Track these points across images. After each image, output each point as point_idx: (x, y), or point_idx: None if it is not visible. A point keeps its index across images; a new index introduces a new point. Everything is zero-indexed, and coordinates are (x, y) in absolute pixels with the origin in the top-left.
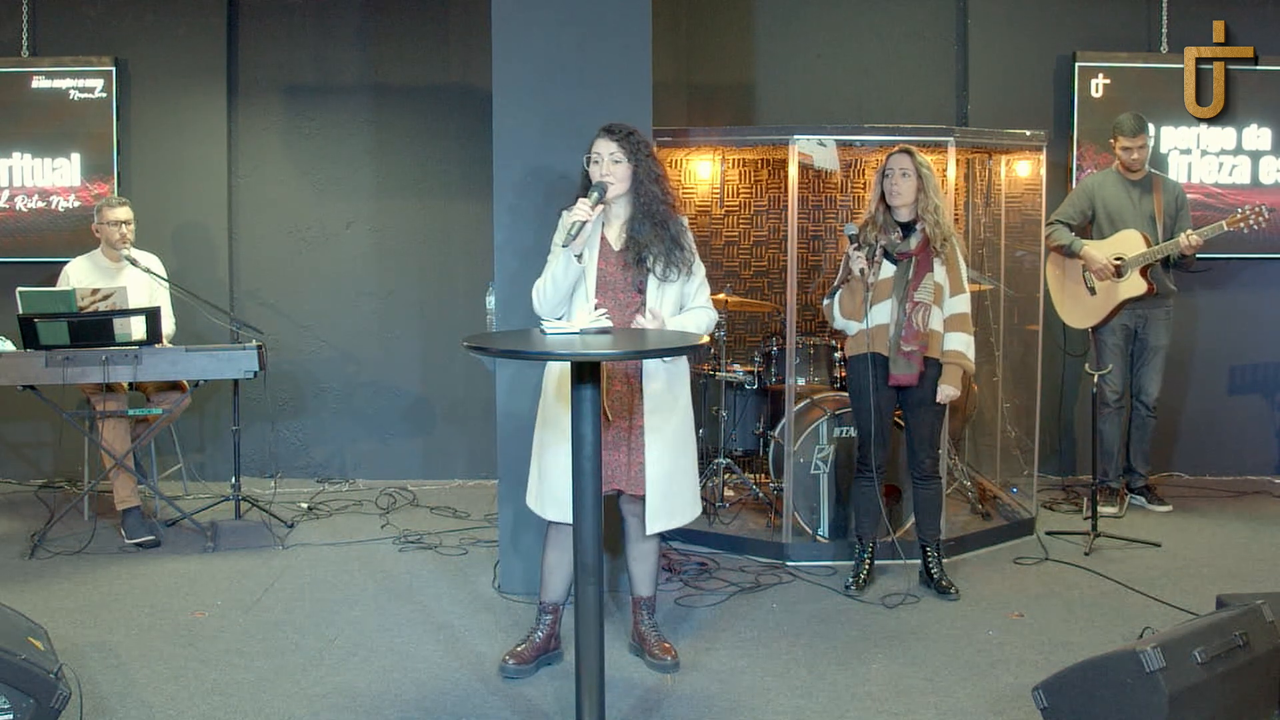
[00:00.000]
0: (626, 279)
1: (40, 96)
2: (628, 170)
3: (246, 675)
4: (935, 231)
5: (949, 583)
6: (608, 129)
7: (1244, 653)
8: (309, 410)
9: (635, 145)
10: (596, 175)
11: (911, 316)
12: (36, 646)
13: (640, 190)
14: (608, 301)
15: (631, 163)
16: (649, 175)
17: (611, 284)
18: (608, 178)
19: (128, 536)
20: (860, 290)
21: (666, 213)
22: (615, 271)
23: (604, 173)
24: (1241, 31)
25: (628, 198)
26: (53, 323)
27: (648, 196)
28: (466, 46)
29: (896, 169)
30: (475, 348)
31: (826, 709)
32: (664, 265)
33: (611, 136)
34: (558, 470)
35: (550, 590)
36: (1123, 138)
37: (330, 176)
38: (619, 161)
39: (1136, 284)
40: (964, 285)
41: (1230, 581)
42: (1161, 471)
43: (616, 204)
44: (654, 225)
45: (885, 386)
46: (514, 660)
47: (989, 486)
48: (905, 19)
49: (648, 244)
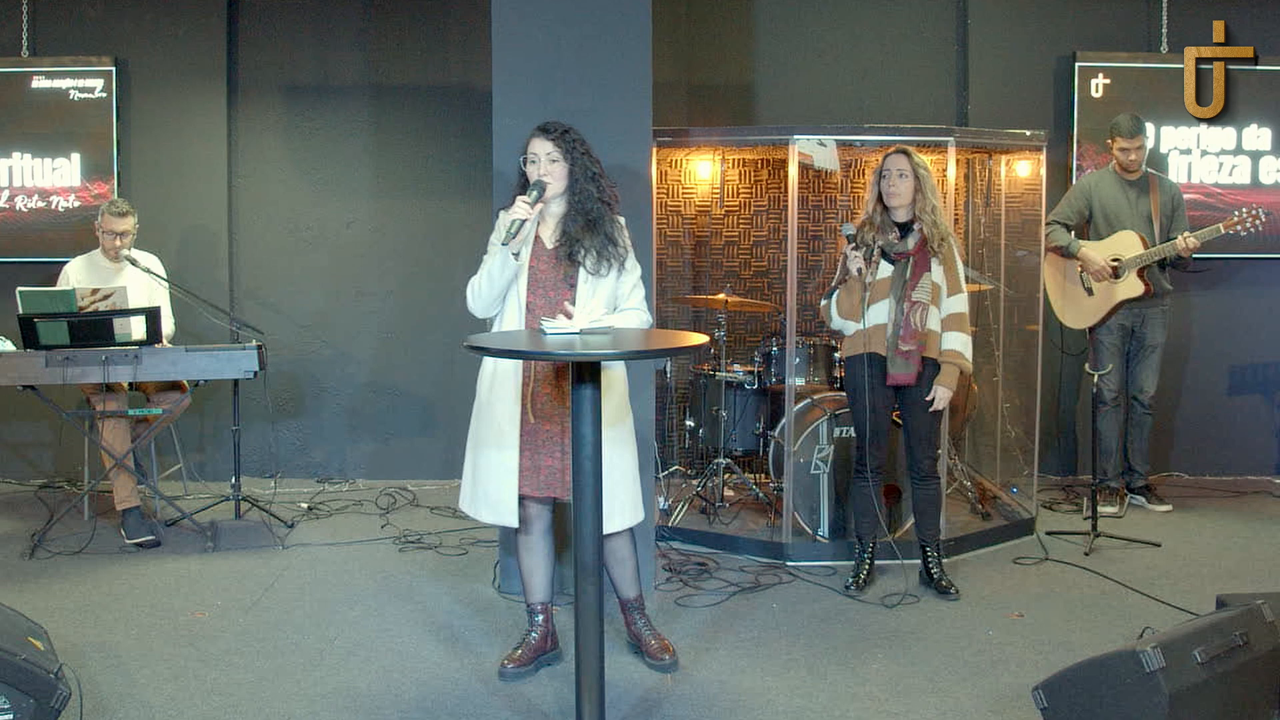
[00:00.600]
0: (558, 276)
1: (40, 96)
2: (564, 169)
3: (246, 675)
4: (933, 231)
5: (949, 582)
6: (543, 128)
7: (1244, 653)
8: (309, 410)
9: (571, 144)
10: (534, 175)
11: (909, 316)
12: (36, 646)
13: (576, 189)
14: (539, 299)
15: (568, 161)
16: (585, 174)
17: (543, 281)
18: (545, 177)
19: (128, 536)
20: (858, 290)
21: (602, 210)
22: (548, 269)
23: (541, 172)
24: (1241, 31)
25: (564, 196)
26: (53, 323)
27: (583, 195)
28: (466, 46)
29: (894, 170)
30: (475, 348)
31: (826, 709)
32: (595, 259)
33: (548, 135)
34: (491, 472)
35: (533, 591)
36: (1120, 139)
37: (330, 176)
38: (556, 160)
39: (1133, 285)
40: (961, 285)
41: (1230, 581)
42: (1161, 471)
43: (553, 202)
44: (588, 223)
45: (883, 386)
46: (512, 664)
47: (989, 486)
48: (905, 19)
49: (579, 239)
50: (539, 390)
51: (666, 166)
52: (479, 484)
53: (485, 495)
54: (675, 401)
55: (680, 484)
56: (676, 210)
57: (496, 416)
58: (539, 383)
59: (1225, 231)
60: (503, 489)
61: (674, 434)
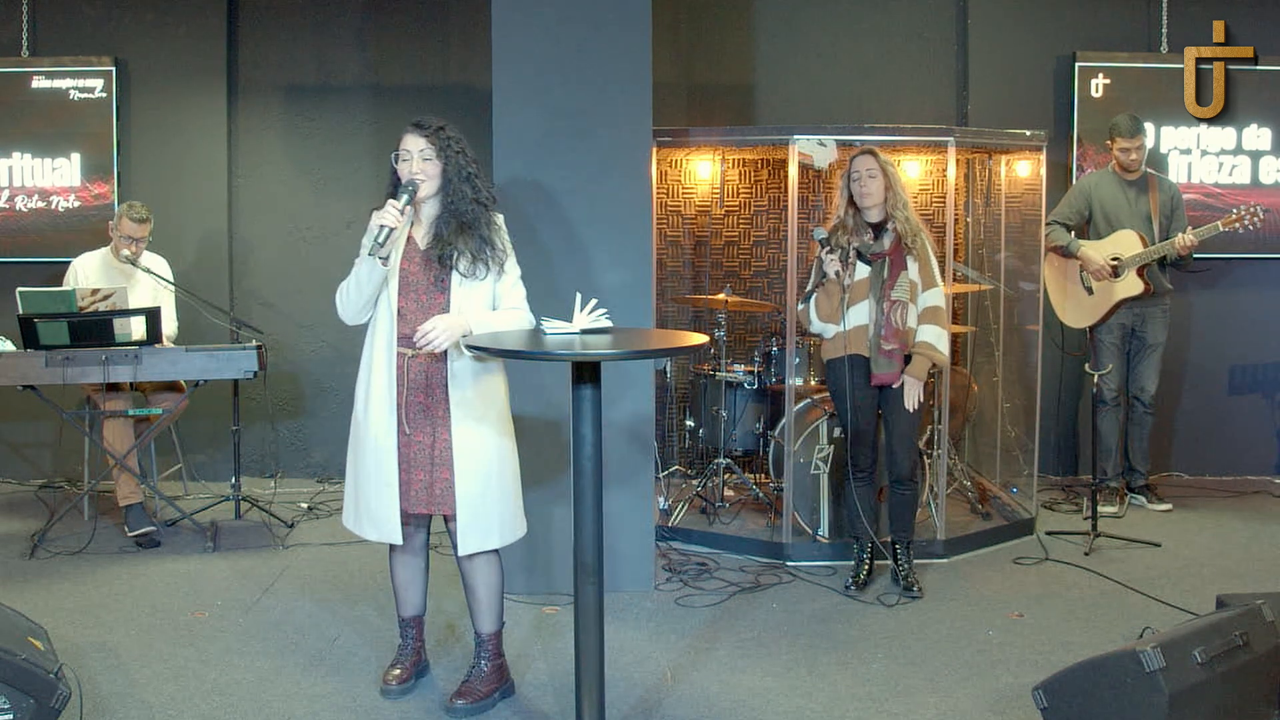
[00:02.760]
0: (430, 279)
1: (40, 96)
2: (438, 168)
3: (246, 675)
4: (905, 228)
5: (914, 581)
6: (417, 124)
7: (1244, 653)
8: (309, 410)
9: (446, 141)
10: (405, 173)
11: (890, 315)
12: (36, 646)
13: (450, 189)
14: (410, 303)
15: (441, 160)
16: (459, 173)
17: (414, 285)
18: (418, 176)
19: (130, 529)
20: (836, 293)
21: (477, 211)
22: (419, 272)
23: (413, 171)
24: (1241, 31)
25: (438, 197)
26: (53, 323)
27: (457, 196)
28: (466, 46)
29: (863, 170)
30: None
31: (826, 709)
32: (469, 262)
33: (421, 132)
34: (370, 488)
35: (409, 606)
36: (1120, 139)
37: (330, 176)
38: (429, 159)
39: (1133, 284)
40: (936, 280)
41: (1230, 581)
42: (1161, 471)
43: (427, 203)
44: (461, 225)
45: (867, 387)
46: (398, 682)
47: (989, 486)
48: (905, 19)
49: (451, 242)
50: (411, 400)
51: (666, 166)
52: (361, 500)
53: (369, 512)
54: (675, 401)
55: (680, 484)
56: (676, 210)
57: (374, 432)
58: (411, 393)
59: (1224, 229)
60: (384, 506)
61: (674, 434)
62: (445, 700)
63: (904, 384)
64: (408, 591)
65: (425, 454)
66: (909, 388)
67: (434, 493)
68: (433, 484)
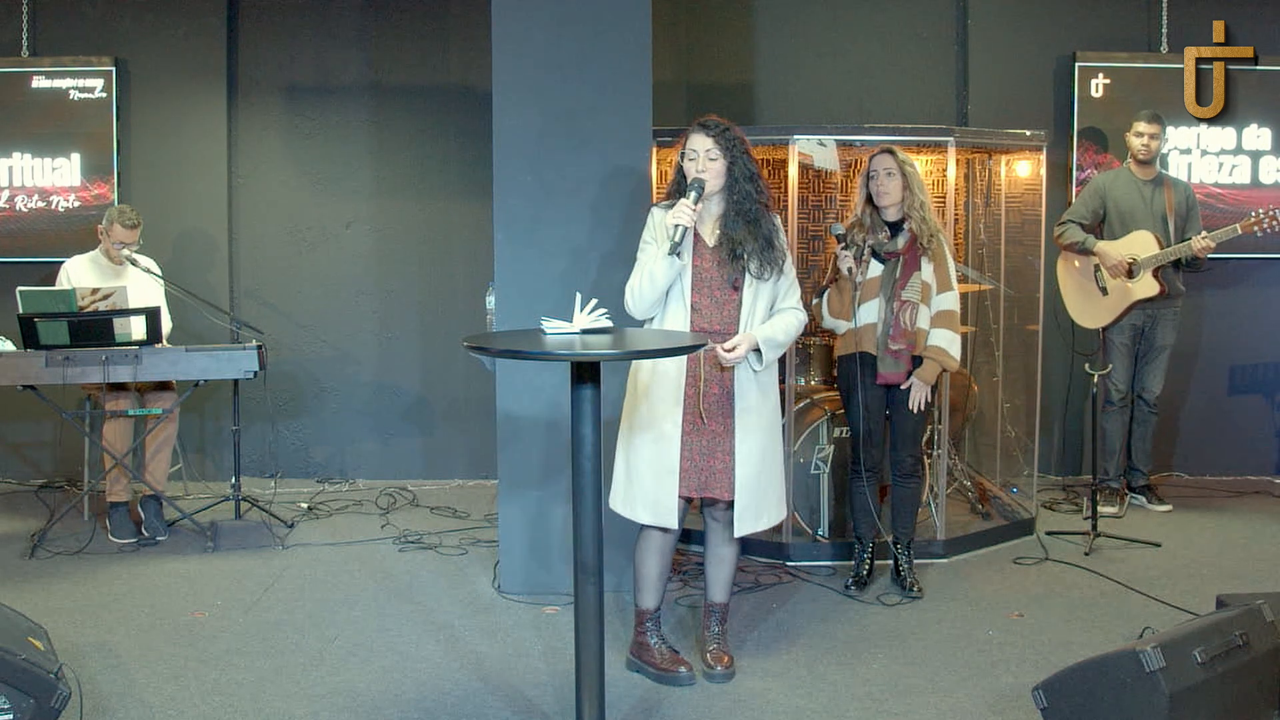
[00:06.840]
0: (722, 276)
1: (40, 96)
2: (723, 167)
3: (246, 675)
4: (922, 228)
5: (914, 581)
6: (703, 124)
7: (1244, 653)
8: (309, 410)
9: (731, 142)
10: (692, 172)
11: (899, 315)
12: (36, 646)
13: (735, 189)
14: (705, 299)
15: (727, 159)
16: (744, 173)
17: (708, 281)
18: (703, 174)
19: (112, 533)
20: (848, 290)
21: (760, 211)
22: (711, 269)
23: (699, 169)
24: (1241, 31)
25: (722, 195)
26: (53, 322)
27: (741, 195)
28: (466, 46)
29: (881, 169)
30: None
31: (826, 709)
32: (759, 264)
33: (707, 132)
34: (650, 473)
35: (646, 598)
36: (1139, 123)
37: (330, 176)
38: (715, 159)
39: (1149, 285)
40: (952, 283)
41: (1230, 581)
42: (1162, 471)
43: (711, 200)
44: (747, 224)
45: (874, 385)
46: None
47: (989, 486)
48: (905, 19)
49: (742, 241)
50: (707, 391)
51: (666, 166)
52: (636, 484)
53: (644, 496)
54: None
55: None
56: None
57: (658, 419)
58: (708, 383)
59: (1242, 233)
60: (664, 492)
61: None
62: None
63: (911, 386)
64: (661, 581)
65: (711, 442)
66: (915, 390)
67: (721, 477)
68: (712, 470)
